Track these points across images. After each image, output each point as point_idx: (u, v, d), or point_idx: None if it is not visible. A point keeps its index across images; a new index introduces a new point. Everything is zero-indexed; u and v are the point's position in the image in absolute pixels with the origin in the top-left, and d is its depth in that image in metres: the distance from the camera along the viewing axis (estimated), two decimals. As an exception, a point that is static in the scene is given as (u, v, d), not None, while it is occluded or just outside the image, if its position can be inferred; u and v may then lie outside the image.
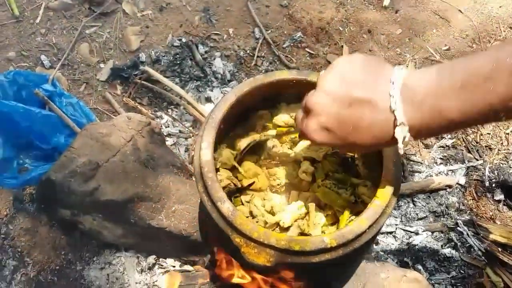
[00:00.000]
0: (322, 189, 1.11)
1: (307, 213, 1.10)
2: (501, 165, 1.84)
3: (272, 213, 1.10)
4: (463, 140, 1.91)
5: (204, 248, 1.43)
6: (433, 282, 1.58)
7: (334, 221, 1.10)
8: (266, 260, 0.93)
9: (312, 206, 1.09)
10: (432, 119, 0.70)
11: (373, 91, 0.73)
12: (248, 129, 1.21)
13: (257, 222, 1.08)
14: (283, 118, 1.18)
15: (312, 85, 1.12)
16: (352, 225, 0.94)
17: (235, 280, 1.28)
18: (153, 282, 1.52)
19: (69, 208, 1.48)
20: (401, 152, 0.75)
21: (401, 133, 0.72)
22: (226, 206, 0.96)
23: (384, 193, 0.98)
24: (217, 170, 1.11)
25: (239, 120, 1.22)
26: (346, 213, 1.07)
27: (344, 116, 0.75)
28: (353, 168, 1.15)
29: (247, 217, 1.05)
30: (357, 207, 1.08)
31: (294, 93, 1.17)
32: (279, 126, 1.19)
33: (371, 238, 0.97)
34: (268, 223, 1.08)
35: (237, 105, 1.12)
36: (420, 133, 0.73)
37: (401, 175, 1.05)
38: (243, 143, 1.18)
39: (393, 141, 0.74)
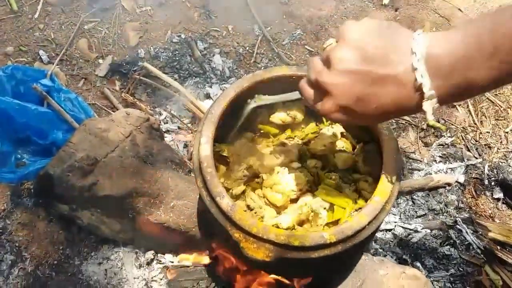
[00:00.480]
0: (323, 187, 1.11)
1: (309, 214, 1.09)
2: (500, 163, 1.84)
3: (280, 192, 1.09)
4: (463, 138, 1.91)
5: (203, 243, 1.43)
6: (431, 279, 1.58)
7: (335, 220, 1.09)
8: (265, 255, 0.92)
9: (318, 207, 1.08)
10: (460, 88, 0.66)
11: (395, 65, 0.68)
12: (245, 125, 1.18)
13: (255, 213, 1.08)
14: (279, 115, 1.17)
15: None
16: (352, 221, 0.94)
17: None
18: (152, 278, 1.52)
19: (67, 203, 1.47)
20: (430, 119, 0.70)
21: (430, 105, 0.68)
22: (225, 201, 0.96)
23: (384, 190, 0.98)
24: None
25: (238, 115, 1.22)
26: (348, 209, 1.07)
27: (367, 95, 0.71)
28: (353, 165, 1.14)
29: (244, 211, 1.04)
30: (357, 204, 1.08)
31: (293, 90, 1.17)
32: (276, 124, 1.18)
33: (371, 234, 0.97)
34: (265, 219, 1.08)
35: (237, 100, 1.12)
36: (447, 101, 0.69)
37: (401, 172, 1.05)
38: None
39: (419, 110, 0.70)
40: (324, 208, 1.08)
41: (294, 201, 1.11)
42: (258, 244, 0.93)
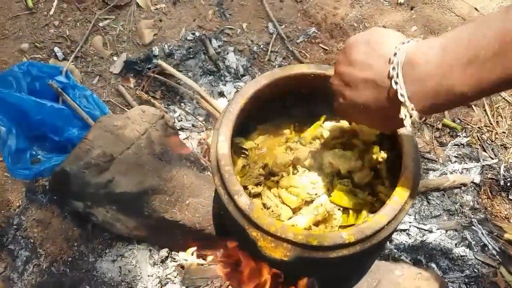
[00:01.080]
0: (337, 192, 1.10)
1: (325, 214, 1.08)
2: (516, 164, 1.83)
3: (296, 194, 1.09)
4: (478, 138, 1.89)
5: (217, 242, 1.43)
6: (446, 280, 1.56)
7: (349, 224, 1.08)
8: (283, 254, 0.92)
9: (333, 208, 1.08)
10: (437, 95, 0.66)
11: (374, 70, 0.73)
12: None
13: (272, 211, 1.08)
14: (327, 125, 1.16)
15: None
16: (371, 221, 0.94)
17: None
18: (166, 275, 1.52)
19: (83, 200, 1.47)
20: (409, 128, 0.73)
21: (406, 111, 0.69)
22: (243, 200, 0.96)
23: (403, 190, 0.97)
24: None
25: (256, 114, 1.21)
26: (364, 213, 1.07)
27: (354, 97, 0.77)
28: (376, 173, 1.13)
29: (261, 209, 1.04)
30: (374, 207, 1.07)
31: (312, 88, 1.16)
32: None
33: (389, 235, 0.96)
34: (282, 217, 1.07)
35: (256, 98, 1.12)
36: (426, 110, 0.69)
37: (420, 173, 1.04)
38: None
39: (401, 119, 0.71)
40: (339, 209, 1.08)
41: (308, 202, 1.11)
42: (276, 243, 0.93)
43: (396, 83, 0.69)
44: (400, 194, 0.97)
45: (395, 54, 0.70)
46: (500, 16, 0.61)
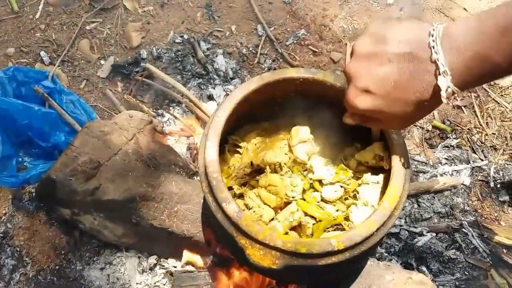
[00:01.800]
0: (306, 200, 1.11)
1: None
2: (506, 165, 1.82)
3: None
4: (468, 140, 1.89)
5: (207, 249, 1.41)
6: (437, 283, 1.56)
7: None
8: (272, 262, 0.91)
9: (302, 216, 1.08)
10: (475, 65, 0.68)
11: (412, 44, 0.72)
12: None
13: (254, 212, 1.07)
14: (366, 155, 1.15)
15: (318, 84, 1.12)
16: (360, 228, 0.93)
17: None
18: (154, 283, 1.50)
19: (70, 207, 1.45)
20: (444, 101, 0.73)
21: (445, 82, 0.70)
22: (231, 207, 0.95)
23: (393, 195, 0.97)
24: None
25: (245, 119, 1.20)
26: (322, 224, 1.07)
27: (384, 73, 0.74)
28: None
29: (243, 210, 1.03)
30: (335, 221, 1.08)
31: (301, 92, 1.16)
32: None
33: (378, 241, 0.95)
34: (264, 218, 1.07)
35: (244, 103, 1.11)
36: (463, 81, 0.71)
37: (410, 177, 1.03)
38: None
39: (437, 96, 0.72)
40: (312, 217, 1.08)
41: (287, 204, 1.11)
42: (265, 251, 0.92)
43: (436, 53, 0.69)
44: (390, 199, 0.96)
45: (433, 28, 0.71)
46: None
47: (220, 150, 1.05)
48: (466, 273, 1.60)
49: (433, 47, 0.69)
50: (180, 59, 2.06)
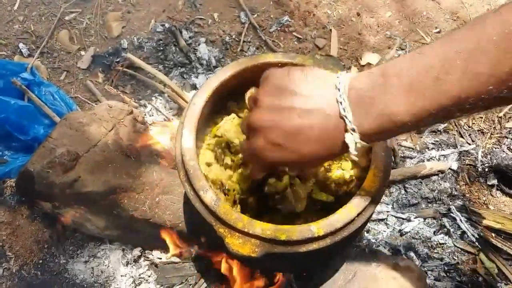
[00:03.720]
0: None
1: None
2: (494, 149, 1.81)
3: None
4: (455, 124, 1.87)
5: (190, 239, 1.39)
6: (425, 269, 1.55)
7: None
8: (252, 250, 0.89)
9: None
10: (382, 123, 0.66)
11: (320, 99, 0.70)
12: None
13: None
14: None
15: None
16: (340, 213, 0.91)
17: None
18: (139, 275, 1.48)
19: (50, 201, 1.43)
20: (355, 158, 0.71)
21: (352, 138, 0.69)
22: (209, 195, 0.93)
23: (373, 181, 0.95)
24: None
25: (223, 106, 1.18)
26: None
27: (294, 128, 0.72)
28: None
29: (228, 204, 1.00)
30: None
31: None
32: None
33: (360, 227, 0.94)
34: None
35: (221, 89, 1.08)
36: (371, 137, 0.69)
37: (391, 162, 1.01)
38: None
39: (345, 148, 0.71)
40: None
41: None
42: (244, 239, 0.90)
43: (344, 109, 0.67)
44: (370, 185, 0.94)
45: (339, 80, 0.69)
46: (442, 39, 0.61)
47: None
48: (455, 258, 1.59)
49: (341, 102, 0.67)
50: (161, 48, 2.03)
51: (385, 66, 0.66)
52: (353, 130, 0.68)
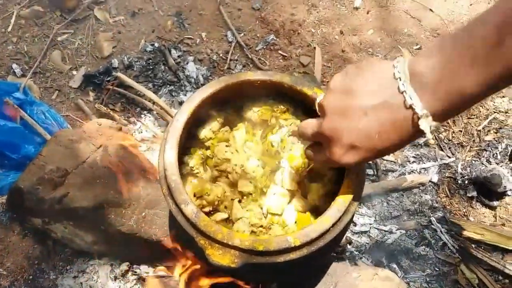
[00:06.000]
0: None
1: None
2: (473, 161, 1.86)
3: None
4: (435, 138, 1.92)
5: (175, 253, 1.42)
6: (408, 280, 1.58)
7: None
8: (231, 261, 0.92)
9: None
10: (452, 100, 0.66)
11: (382, 92, 0.71)
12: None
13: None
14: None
15: (276, 85, 1.14)
16: (316, 224, 0.94)
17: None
18: (127, 289, 1.51)
19: (40, 217, 1.46)
20: (431, 141, 0.74)
21: (426, 124, 0.68)
22: (189, 208, 0.96)
23: (347, 192, 0.98)
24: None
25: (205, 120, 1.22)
26: None
27: (365, 127, 0.72)
28: None
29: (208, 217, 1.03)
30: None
31: (259, 94, 1.18)
32: None
33: (336, 236, 0.97)
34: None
35: (203, 106, 1.12)
36: (445, 116, 0.69)
37: (365, 173, 1.06)
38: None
39: (421, 134, 0.70)
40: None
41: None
42: (224, 251, 0.93)
43: (410, 97, 0.67)
44: (344, 196, 0.98)
45: (396, 68, 0.69)
46: (492, 10, 0.62)
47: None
48: (437, 268, 1.63)
49: (405, 91, 0.67)
50: (151, 67, 2.08)
51: (440, 45, 0.66)
52: (426, 115, 0.67)
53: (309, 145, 0.91)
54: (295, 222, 1.08)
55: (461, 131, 1.94)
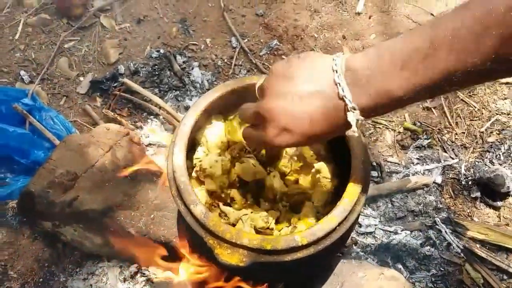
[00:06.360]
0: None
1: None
2: (476, 163, 1.87)
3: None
4: (439, 140, 1.94)
5: (184, 254, 1.44)
6: (413, 280, 1.60)
7: None
8: (239, 260, 0.94)
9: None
10: (380, 99, 0.71)
11: (319, 81, 0.75)
12: None
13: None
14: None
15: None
16: (322, 223, 0.96)
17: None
18: (136, 291, 1.53)
19: (50, 220, 1.48)
20: (356, 134, 0.76)
21: (353, 116, 0.73)
22: (198, 209, 0.98)
23: (353, 192, 1.00)
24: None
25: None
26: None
27: (299, 112, 0.77)
28: None
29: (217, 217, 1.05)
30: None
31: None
32: None
33: (342, 236, 0.99)
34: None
35: (210, 110, 1.15)
36: (370, 113, 0.74)
37: (369, 173, 1.07)
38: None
39: (347, 126, 0.75)
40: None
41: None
42: (232, 250, 0.94)
43: (343, 89, 0.72)
44: (350, 196, 1.00)
45: (335, 62, 0.74)
46: (430, 23, 0.66)
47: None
48: (442, 269, 1.64)
49: (339, 83, 0.72)
50: (157, 72, 2.11)
51: (378, 47, 0.71)
52: (354, 108, 0.72)
53: (247, 126, 0.93)
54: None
55: (464, 132, 1.96)
